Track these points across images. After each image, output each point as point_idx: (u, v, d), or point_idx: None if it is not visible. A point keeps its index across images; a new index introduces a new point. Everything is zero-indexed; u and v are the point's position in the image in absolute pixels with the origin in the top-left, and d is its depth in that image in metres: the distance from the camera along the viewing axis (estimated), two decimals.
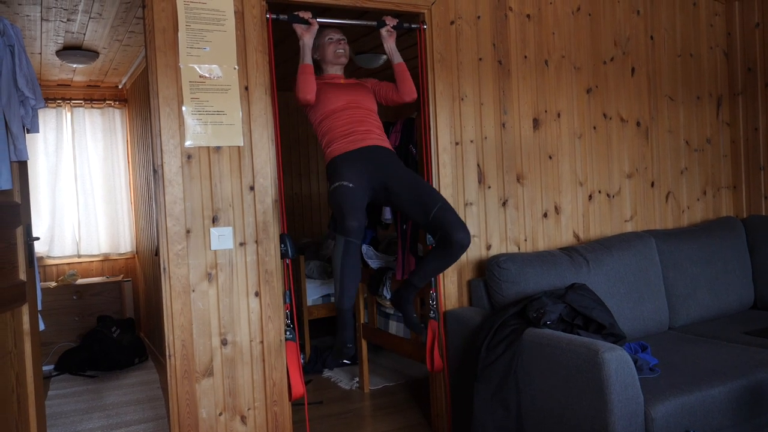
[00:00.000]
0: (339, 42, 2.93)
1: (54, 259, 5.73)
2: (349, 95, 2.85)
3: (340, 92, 2.84)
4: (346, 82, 2.94)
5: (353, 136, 2.77)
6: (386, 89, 3.01)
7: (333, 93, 2.83)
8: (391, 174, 2.71)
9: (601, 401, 2.21)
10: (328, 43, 2.92)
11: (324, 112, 2.82)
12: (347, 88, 2.88)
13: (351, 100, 2.83)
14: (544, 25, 3.44)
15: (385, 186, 2.70)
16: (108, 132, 5.88)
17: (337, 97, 2.82)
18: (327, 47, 2.92)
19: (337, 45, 2.92)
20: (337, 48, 2.92)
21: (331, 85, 2.88)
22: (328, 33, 2.95)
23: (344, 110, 2.81)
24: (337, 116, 2.80)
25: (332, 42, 2.92)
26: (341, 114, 2.80)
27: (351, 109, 2.82)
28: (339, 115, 2.80)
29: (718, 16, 4.09)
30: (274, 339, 2.77)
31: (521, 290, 2.92)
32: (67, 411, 4.06)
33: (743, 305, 3.62)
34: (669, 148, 3.89)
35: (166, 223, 2.59)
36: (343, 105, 2.81)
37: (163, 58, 2.58)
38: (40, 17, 3.77)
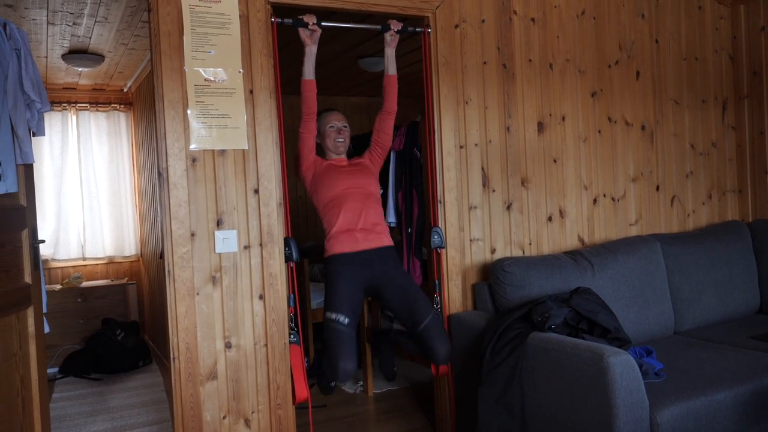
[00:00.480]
0: (340, 131, 2.98)
1: (59, 261, 5.75)
2: (349, 179, 2.89)
3: (340, 176, 2.88)
4: (348, 165, 2.98)
5: (352, 237, 2.82)
6: (375, 129, 3.03)
7: (332, 178, 2.88)
8: (385, 282, 2.83)
9: (606, 406, 2.20)
10: (329, 131, 2.97)
11: (325, 200, 2.87)
12: (347, 173, 2.91)
13: (350, 183, 2.87)
14: (548, 29, 3.44)
15: (378, 291, 2.85)
16: (113, 135, 5.90)
17: (337, 182, 2.86)
18: (328, 135, 2.97)
19: (338, 134, 2.97)
20: (337, 137, 2.97)
21: (330, 170, 2.91)
22: (330, 120, 2.99)
23: (344, 198, 2.83)
24: (337, 207, 2.83)
25: (333, 130, 2.97)
26: (341, 204, 2.83)
27: (350, 195, 2.85)
28: (339, 207, 2.83)
29: (723, 19, 4.08)
30: (278, 342, 2.77)
31: (526, 294, 2.92)
32: (72, 414, 4.07)
33: (749, 309, 3.60)
34: (674, 151, 3.88)
35: (170, 226, 2.59)
36: (342, 191, 2.85)
37: (168, 62, 2.58)
38: (46, 21, 3.78)
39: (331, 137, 2.97)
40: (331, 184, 2.86)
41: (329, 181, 2.87)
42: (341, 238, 2.82)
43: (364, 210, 2.86)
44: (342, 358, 2.60)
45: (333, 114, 3.03)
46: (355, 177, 2.91)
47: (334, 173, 2.89)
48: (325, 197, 2.86)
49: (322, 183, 2.88)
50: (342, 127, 2.99)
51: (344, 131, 3.00)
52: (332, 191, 2.85)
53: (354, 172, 2.93)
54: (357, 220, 2.83)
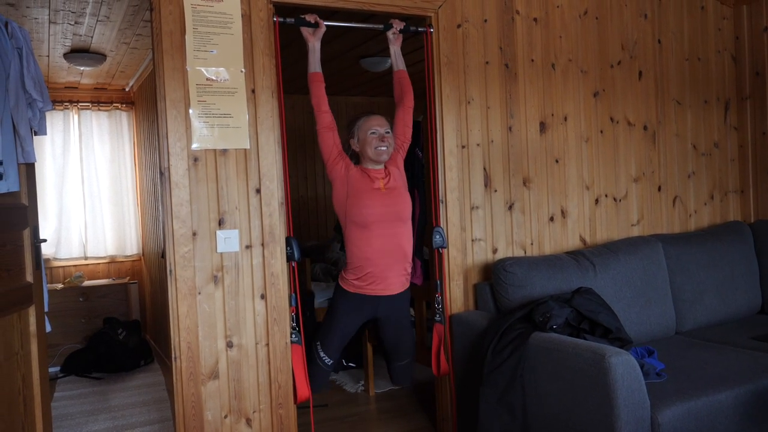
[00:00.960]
0: (383, 138, 2.71)
1: (61, 261, 5.75)
2: (384, 203, 2.68)
3: (375, 199, 2.67)
4: (385, 186, 2.72)
5: (376, 281, 2.70)
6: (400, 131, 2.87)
7: (367, 199, 2.66)
8: (386, 321, 2.85)
9: (608, 406, 2.20)
10: (371, 138, 2.71)
11: (354, 219, 2.67)
12: (383, 195, 2.69)
13: (385, 208, 2.67)
14: (551, 29, 3.44)
15: (376, 323, 2.89)
16: (115, 134, 5.90)
17: (371, 206, 2.65)
18: (369, 143, 2.71)
19: (380, 141, 2.70)
20: (380, 145, 2.70)
21: (365, 188, 2.68)
22: (371, 125, 2.74)
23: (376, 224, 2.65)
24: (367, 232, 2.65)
25: (375, 137, 2.71)
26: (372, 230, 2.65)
27: (384, 221, 2.66)
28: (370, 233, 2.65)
29: (726, 19, 4.08)
30: (280, 342, 2.77)
31: (527, 294, 2.91)
32: (73, 413, 4.07)
33: (751, 310, 3.60)
34: (676, 152, 3.88)
35: (172, 225, 2.59)
36: (375, 217, 2.65)
37: (170, 61, 2.58)
38: (48, 20, 3.79)
39: (372, 145, 2.69)
40: (364, 207, 2.64)
41: (362, 202, 2.65)
42: (365, 278, 2.70)
43: (397, 236, 2.69)
44: (315, 385, 2.88)
45: (373, 118, 2.77)
46: (390, 200, 2.69)
47: (369, 194, 2.67)
48: (354, 217, 2.66)
49: (355, 201, 2.66)
50: (385, 134, 2.72)
51: (387, 137, 2.72)
52: (363, 215, 2.64)
53: (390, 194, 2.70)
54: (388, 256, 2.68)
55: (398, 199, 2.74)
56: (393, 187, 2.74)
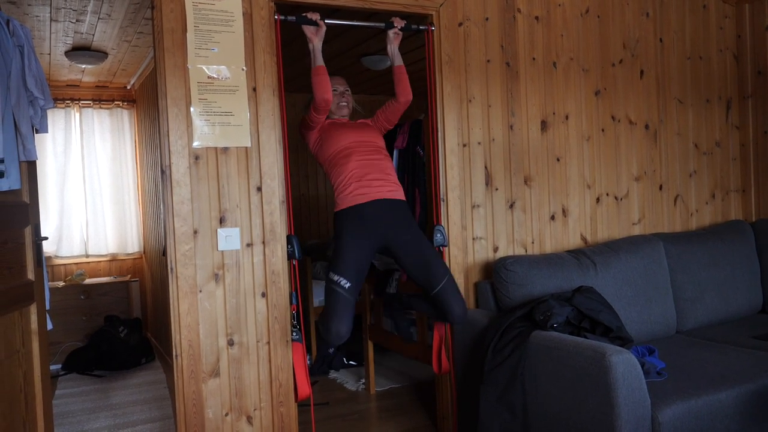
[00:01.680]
0: (342, 95, 2.97)
1: (62, 258, 5.76)
2: (356, 133, 2.86)
3: (346, 131, 2.86)
4: (352, 123, 2.97)
5: (365, 185, 2.75)
6: (383, 109, 3.00)
7: (339, 132, 2.85)
8: (398, 241, 2.75)
9: (608, 404, 2.20)
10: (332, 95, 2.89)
11: (332, 153, 2.82)
12: (352, 127, 2.90)
13: (358, 137, 2.84)
14: (552, 27, 3.43)
15: (391, 249, 2.77)
16: (116, 132, 5.90)
17: (344, 136, 2.83)
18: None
19: (341, 98, 2.96)
20: (340, 101, 2.96)
21: (336, 125, 2.90)
22: (333, 84, 2.92)
23: (352, 150, 2.79)
24: (345, 158, 2.78)
25: (336, 94, 2.95)
26: (350, 156, 2.78)
27: (359, 148, 2.81)
28: (348, 158, 2.78)
29: (728, 18, 4.07)
30: (281, 340, 2.77)
31: (528, 293, 2.91)
32: (75, 410, 4.08)
33: (752, 309, 3.59)
34: (678, 151, 3.87)
35: (173, 223, 2.59)
36: (350, 143, 2.81)
37: (171, 59, 2.59)
38: (50, 18, 3.79)
39: (335, 101, 2.95)
40: (338, 138, 2.82)
41: (335, 135, 2.83)
42: (352, 188, 2.75)
43: (376, 161, 2.82)
44: (336, 320, 2.56)
45: (334, 78, 2.99)
46: (361, 132, 2.88)
47: (339, 128, 2.87)
48: (331, 150, 2.82)
49: (328, 138, 2.84)
50: (344, 91, 2.99)
51: (347, 95, 3.00)
52: (339, 144, 2.81)
53: (360, 128, 2.91)
54: (369, 169, 2.78)
55: (368, 131, 2.92)
56: (361, 123, 2.98)
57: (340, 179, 2.78)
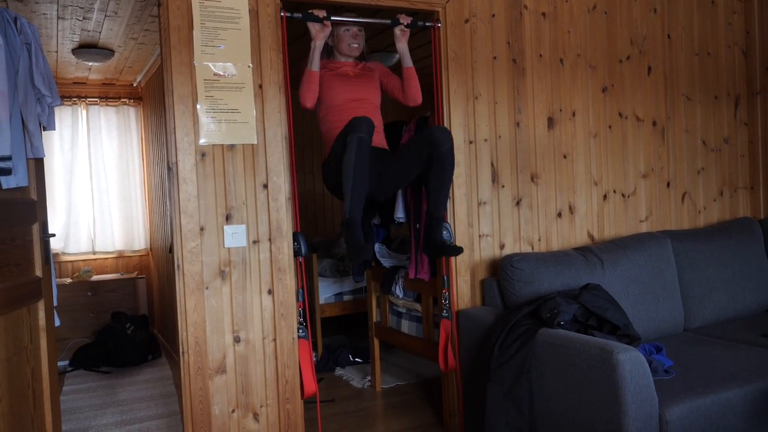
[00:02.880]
0: (355, 35, 2.98)
1: (69, 255, 5.79)
2: (355, 89, 2.92)
3: (347, 85, 2.91)
4: (354, 73, 2.98)
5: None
6: (394, 84, 3.07)
7: (339, 85, 2.90)
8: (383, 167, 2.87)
9: (615, 403, 2.19)
10: (344, 34, 2.98)
11: (327, 106, 2.91)
12: (354, 83, 2.94)
13: (356, 95, 2.91)
14: (559, 24, 3.42)
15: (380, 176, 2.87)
16: (123, 130, 5.92)
17: (343, 91, 2.90)
18: (342, 38, 2.98)
19: (353, 38, 2.98)
20: (352, 42, 2.97)
21: (338, 77, 2.93)
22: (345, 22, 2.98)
23: (348, 106, 2.87)
24: (339, 113, 2.87)
25: (348, 33, 2.97)
26: (344, 111, 2.87)
27: (355, 104, 2.88)
28: (342, 113, 2.87)
29: (736, 14, 4.04)
30: (287, 337, 2.78)
31: (535, 290, 2.91)
32: (82, 406, 4.10)
33: (760, 307, 3.57)
34: (685, 148, 3.85)
35: (180, 220, 2.60)
36: (347, 99, 2.89)
37: (177, 56, 2.59)
38: (57, 16, 3.80)
39: (346, 41, 2.97)
40: (333, 93, 2.88)
41: (332, 89, 2.88)
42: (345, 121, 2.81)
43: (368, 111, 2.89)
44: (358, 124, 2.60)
45: (348, 15, 3.00)
46: (360, 87, 2.93)
47: (339, 81, 2.90)
48: (327, 104, 2.90)
49: (327, 89, 2.89)
50: (357, 32, 2.99)
51: (359, 35, 3.00)
52: (336, 99, 2.88)
53: (360, 83, 2.95)
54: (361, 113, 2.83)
55: (368, 85, 2.96)
56: (361, 74, 2.99)
57: (329, 129, 2.88)
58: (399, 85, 3.05)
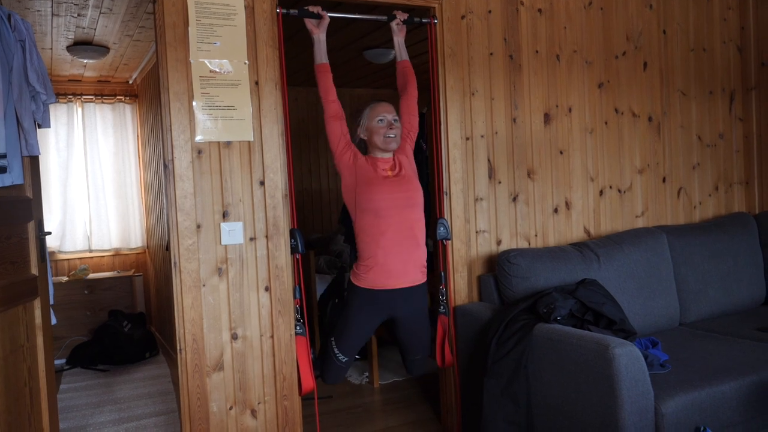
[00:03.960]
0: (390, 126, 2.66)
1: (65, 253, 5.77)
2: (396, 190, 2.63)
3: (387, 187, 2.62)
4: (394, 174, 2.68)
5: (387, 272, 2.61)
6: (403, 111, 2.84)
7: (379, 186, 2.61)
8: (402, 321, 2.75)
9: (612, 397, 2.21)
10: (379, 126, 2.66)
11: (366, 207, 2.60)
12: (394, 182, 2.64)
13: (398, 196, 2.62)
14: (555, 20, 3.42)
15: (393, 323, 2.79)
16: (119, 127, 5.91)
17: (383, 192, 2.60)
18: (376, 131, 2.66)
19: (389, 129, 2.65)
20: (388, 133, 2.65)
21: (376, 179, 2.63)
22: (379, 112, 2.68)
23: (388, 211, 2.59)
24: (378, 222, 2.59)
25: (382, 125, 2.66)
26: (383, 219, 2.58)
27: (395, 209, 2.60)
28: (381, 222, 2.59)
29: (731, 10, 4.05)
30: (284, 333, 2.78)
31: (531, 285, 2.92)
32: (79, 404, 4.09)
33: (755, 301, 3.59)
34: (681, 143, 3.86)
35: (176, 217, 2.59)
36: (385, 203, 2.59)
37: (173, 53, 2.58)
38: (51, 12, 3.78)
39: (381, 133, 2.64)
40: (375, 191, 2.59)
41: (371, 190, 2.60)
42: (378, 273, 2.61)
43: (410, 236, 2.63)
44: (331, 378, 2.84)
45: (381, 105, 2.72)
46: (401, 186, 2.65)
47: (378, 182, 2.62)
48: (364, 204, 2.60)
49: (365, 190, 2.60)
50: (392, 121, 2.67)
51: (395, 126, 2.67)
52: (375, 201, 2.58)
53: (400, 181, 2.66)
54: (398, 250, 2.61)
55: (408, 186, 2.67)
56: (403, 175, 2.69)
57: (368, 248, 2.62)
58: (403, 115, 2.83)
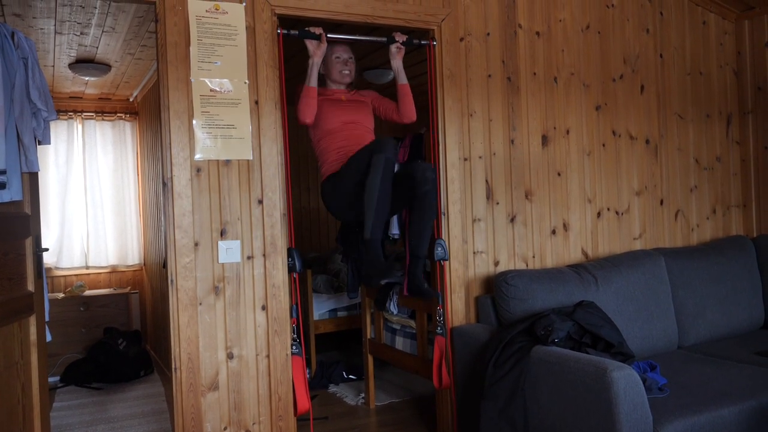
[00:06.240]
0: (346, 62, 3.03)
1: (62, 270, 5.75)
2: (348, 114, 2.97)
3: (340, 110, 2.96)
4: (347, 98, 3.04)
5: (344, 155, 2.89)
6: (387, 107, 3.13)
7: (332, 111, 2.95)
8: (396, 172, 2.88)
9: (610, 421, 2.19)
10: (335, 62, 3.02)
11: (322, 131, 2.95)
12: (347, 107, 2.99)
13: (349, 119, 2.96)
14: (553, 43, 3.45)
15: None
16: (118, 144, 5.92)
17: (336, 116, 2.95)
18: (333, 65, 3.02)
19: (344, 65, 3.02)
20: (343, 68, 3.02)
21: (331, 102, 2.98)
22: (337, 50, 3.03)
23: (342, 130, 2.93)
24: (334, 136, 2.93)
25: (339, 61, 3.02)
26: (339, 134, 2.93)
27: (349, 128, 2.94)
28: (336, 135, 2.92)
29: (727, 34, 4.09)
30: (281, 353, 2.76)
31: (529, 307, 2.91)
32: (72, 423, 4.05)
33: (753, 325, 3.58)
34: (678, 166, 3.88)
35: (174, 235, 2.59)
36: (341, 124, 2.93)
37: (174, 72, 2.60)
38: (54, 30, 3.81)
39: (337, 68, 3.01)
40: (327, 119, 2.92)
41: (325, 115, 2.92)
42: (336, 159, 2.89)
43: (362, 139, 2.92)
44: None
45: (339, 45, 3.04)
46: (353, 112, 2.98)
47: (332, 107, 2.95)
48: (321, 129, 2.94)
49: (320, 116, 2.92)
50: (348, 59, 3.03)
51: (350, 63, 3.04)
52: (330, 124, 2.92)
53: (353, 108, 2.99)
54: (354, 144, 2.89)
55: (361, 110, 3.01)
56: (353, 99, 3.04)
57: (325, 155, 2.94)
58: (393, 107, 3.11)
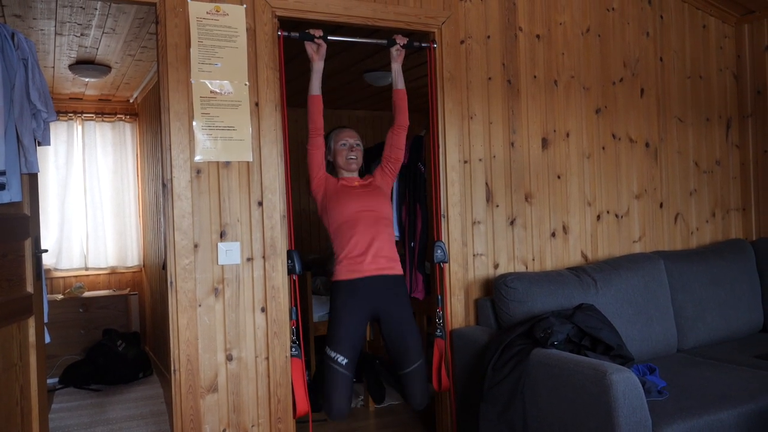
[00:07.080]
0: (352, 148, 2.93)
1: (61, 271, 5.75)
2: (361, 201, 2.83)
3: (352, 198, 2.83)
4: (360, 185, 2.92)
5: (361, 262, 2.76)
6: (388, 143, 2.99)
7: (346, 199, 2.82)
8: (385, 314, 2.79)
9: (609, 424, 2.19)
10: (341, 149, 2.92)
11: (337, 222, 2.81)
12: (360, 194, 2.86)
13: (363, 206, 2.82)
14: (553, 46, 3.45)
15: (379, 319, 2.82)
16: (118, 146, 5.92)
17: (350, 204, 2.81)
18: (339, 153, 2.93)
19: (350, 152, 2.92)
20: (349, 155, 2.92)
21: (343, 190, 2.86)
22: (342, 137, 2.94)
23: (355, 221, 2.78)
24: (349, 230, 2.78)
25: (345, 148, 2.92)
26: (354, 227, 2.78)
27: (364, 219, 2.79)
28: (351, 230, 2.78)
29: (727, 38, 4.10)
30: (280, 355, 2.76)
31: (528, 310, 2.91)
32: (71, 425, 4.04)
33: (752, 328, 3.58)
34: (678, 169, 3.88)
35: (174, 237, 2.59)
36: (354, 213, 2.79)
37: (174, 74, 2.60)
38: (54, 31, 3.81)
39: (343, 155, 2.91)
40: (343, 207, 2.80)
41: (340, 202, 2.81)
42: (350, 263, 2.77)
43: (377, 237, 2.80)
44: (337, 398, 2.66)
45: (345, 131, 2.98)
46: (366, 199, 2.85)
47: (345, 194, 2.84)
48: (336, 220, 2.81)
49: (333, 205, 2.82)
50: (354, 145, 2.94)
51: (356, 149, 2.95)
52: (343, 214, 2.79)
53: (366, 194, 2.87)
54: (368, 246, 2.77)
55: (374, 196, 2.88)
56: (368, 185, 2.93)
57: (340, 253, 2.80)
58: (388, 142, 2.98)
